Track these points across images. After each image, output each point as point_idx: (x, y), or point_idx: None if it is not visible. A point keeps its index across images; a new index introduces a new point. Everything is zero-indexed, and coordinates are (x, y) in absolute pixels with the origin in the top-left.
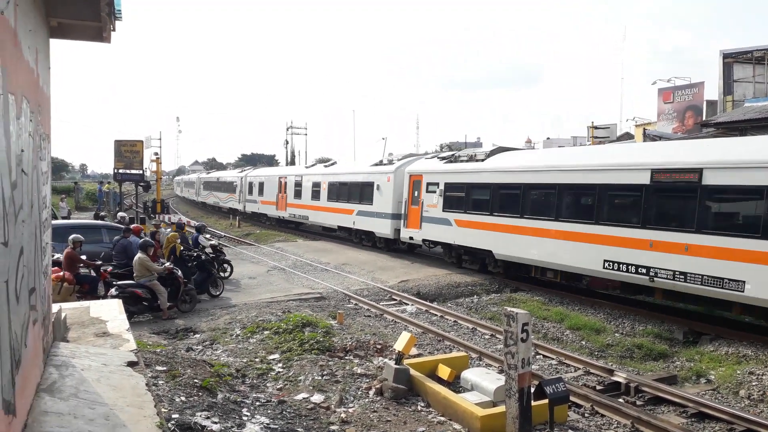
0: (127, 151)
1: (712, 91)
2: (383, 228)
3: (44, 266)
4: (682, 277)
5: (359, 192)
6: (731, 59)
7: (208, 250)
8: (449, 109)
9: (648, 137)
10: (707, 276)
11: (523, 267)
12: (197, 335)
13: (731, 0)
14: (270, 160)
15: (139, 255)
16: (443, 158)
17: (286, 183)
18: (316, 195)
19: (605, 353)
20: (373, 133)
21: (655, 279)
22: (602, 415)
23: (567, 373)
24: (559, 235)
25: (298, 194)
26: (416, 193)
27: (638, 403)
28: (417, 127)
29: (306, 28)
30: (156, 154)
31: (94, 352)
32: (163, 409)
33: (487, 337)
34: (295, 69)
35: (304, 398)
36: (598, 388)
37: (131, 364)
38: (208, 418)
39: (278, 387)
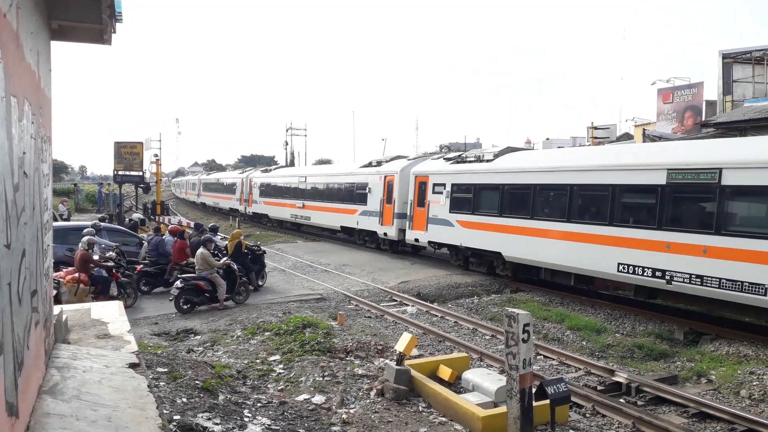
0: (127, 153)
1: (712, 91)
2: None
3: (46, 268)
4: None
5: None
6: (730, 59)
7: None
8: (448, 110)
9: (647, 138)
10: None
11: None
12: (198, 336)
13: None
14: (269, 162)
15: (201, 250)
16: None
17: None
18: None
19: (606, 353)
20: (373, 134)
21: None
22: (603, 416)
23: (568, 374)
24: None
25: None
26: None
27: (639, 403)
28: (416, 128)
29: (305, 29)
30: (156, 155)
31: (96, 353)
32: (164, 411)
33: (487, 337)
34: (294, 70)
35: (305, 399)
36: (599, 388)
37: (133, 366)
38: (209, 419)
39: (279, 388)
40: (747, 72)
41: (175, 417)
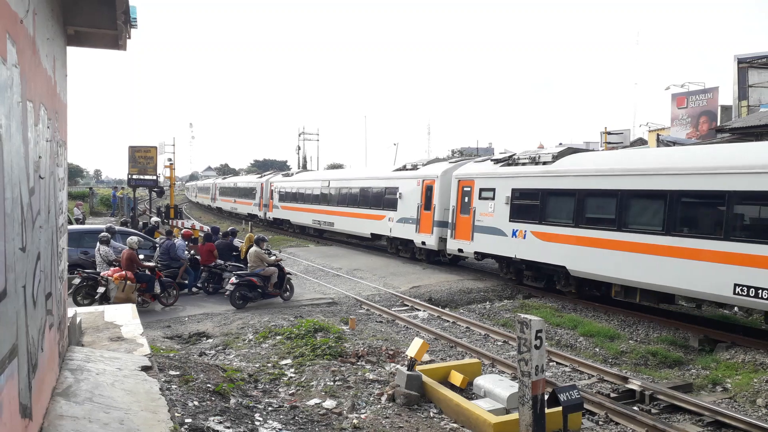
0: (141, 157)
1: (727, 96)
2: None
3: (60, 271)
4: None
5: None
6: (746, 64)
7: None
8: (461, 114)
9: (661, 143)
10: None
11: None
12: (210, 340)
13: (746, 4)
14: (282, 166)
15: (254, 248)
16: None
17: None
18: None
19: (619, 360)
20: (385, 138)
21: None
22: (616, 423)
23: (581, 381)
24: None
25: None
26: None
27: (653, 411)
28: (428, 132)
29: (318, 36)
30: (170, 159)
31: (109, 356)
32: (176, 414)
33: (499, 343)
34: (307, 76)
35: (316, 404)
36: (613, 395)
37: (145, 369)
38: (220, 422)
39: (290, 392)
40: (763, 77)
41: (186, 420)
